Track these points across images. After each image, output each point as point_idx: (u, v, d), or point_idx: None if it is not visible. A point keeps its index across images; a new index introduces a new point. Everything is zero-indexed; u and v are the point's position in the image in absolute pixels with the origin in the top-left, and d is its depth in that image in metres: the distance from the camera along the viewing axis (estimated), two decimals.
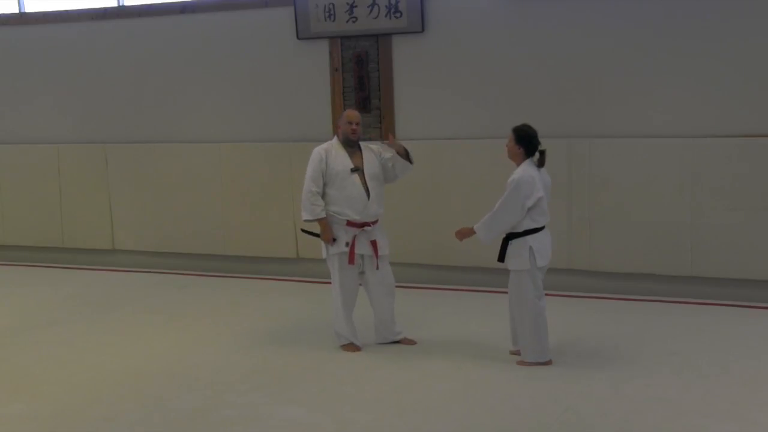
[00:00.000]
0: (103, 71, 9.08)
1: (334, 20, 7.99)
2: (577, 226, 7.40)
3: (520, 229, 5.51)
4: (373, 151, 6.10)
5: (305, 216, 6.00)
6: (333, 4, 7.95)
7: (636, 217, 7.23)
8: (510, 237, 5.55)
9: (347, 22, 7.96)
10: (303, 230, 6.38)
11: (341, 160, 5.94)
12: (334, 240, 5.94)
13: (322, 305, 7.26)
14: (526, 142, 5.54)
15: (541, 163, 5.58)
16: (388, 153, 6.07)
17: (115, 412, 5.04)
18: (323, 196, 5.95)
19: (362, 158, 6.03)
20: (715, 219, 6.99)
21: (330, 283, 6.18)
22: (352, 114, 6.06)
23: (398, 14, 7.79)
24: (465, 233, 5.72)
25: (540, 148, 5.57)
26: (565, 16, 7.36)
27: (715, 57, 6.95)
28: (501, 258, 5.62)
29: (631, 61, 7.20)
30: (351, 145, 6.01)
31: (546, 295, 7.02)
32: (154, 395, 5.30)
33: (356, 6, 7.89)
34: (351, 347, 6.04)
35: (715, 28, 6.93)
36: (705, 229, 7.03)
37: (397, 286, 6.27)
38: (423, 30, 7.78)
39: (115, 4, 9.00)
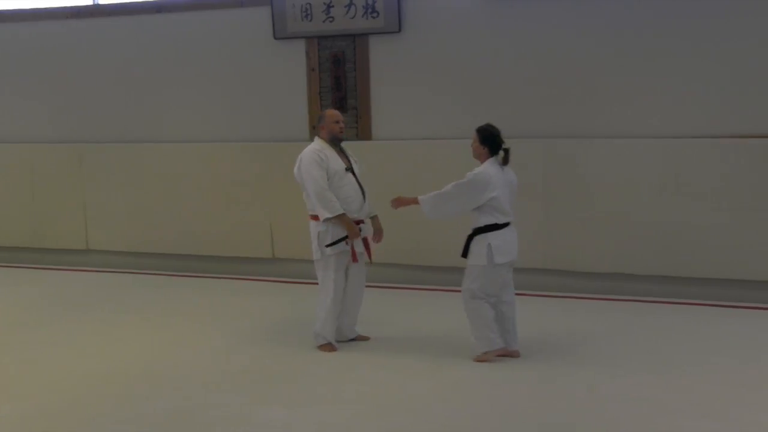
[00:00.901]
0: (78, 70, 9.01)
1: (311, 20, 7.98)
2: (556, 226, 7.44)
3: (481, 224, 5.59)
4: (351, 154, 6.11)
5: (325, 214, 5.77)
6: (310, 4, 7.94)
7: (615, 218, 7.28)
8: (473, 234, 5.62)
9: (324, 22, 7.95)
10: (327, 245, 5.88)
11: (334, 160, 5.91)
12: (360, 231, 5.89)
13: (299, 305, 7.27)
14: (491, 141, 5.63)
15: (505, 161, 5.65)
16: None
17: (93, 414, 4.99)
18: None
19: (347, 158, 6.03)
20: (695, 219, 7.05)
21: (317, 283, 6.09)
22: (337, 113, 6.03)
23: (375, 14, 7.79)
24: (404, 202, 5.84)
25: (504, 146, 5.64)
26: (543, 17, 7.40)
27: (697, 58, 7.02)
28: (464, 254, 5.69)
29: (611, 62, 7.25)
30: (336, 145, 5.99)
31: (524, 295, 7.11)
32: (131, 397, 5.24)
33: (333, 6, 7.88)
34: (329, 347, 6.02)
35: (696, 29, 7.00)
36: (685, 230, 7.09)
37: (375, 286, 6.28)
38: (400, 30, 7.79)
39: (90, 3, 8.93)
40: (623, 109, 7.26)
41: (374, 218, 6.16)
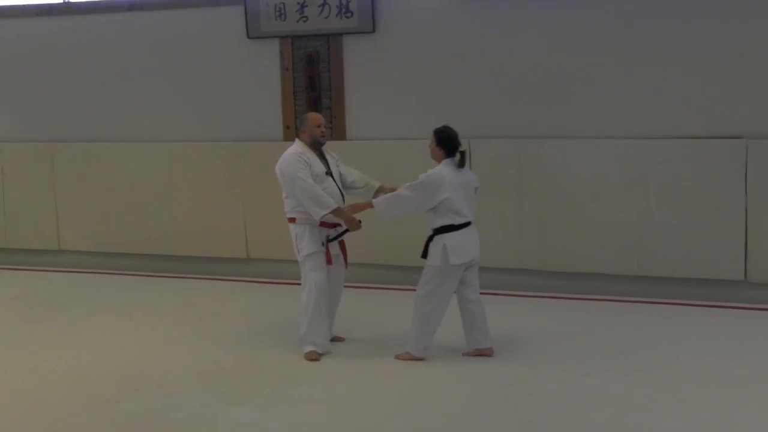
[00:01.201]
0: (49, 69, 8.93)
1: (284, 20, 7.96)
2: (527, 225, 7.48)
3: (437, 225, 5.64)
4: (333, 157, 6.06)
5: (320, 212, 5.65)
6: (284, 4, 7.92)
7: (585, 217, 7.33)
8: (432, 234, 5.69)
9: (298, 21, 7.93)
10: (330, 240, 5.87)
11: (316, 162, 5.84)
12: (359, 222, 5.80)
13: (274, 305, 7.26)
14: (447, 143, 5.66)
15: (460, 164, 5.68)
16: (344, 167, 6.08)
17: (61, 416, 4.96)
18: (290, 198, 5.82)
19: (327, 161, 5.96)
20: (662, 219, 7.12)
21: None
22: (319, 117, 5.96)
23: (349, 14, 7.79)
24: (359, 207, 5.79)
25: (460, 149, 5.68)
26: (515, 18, 7.44)
27: (662, 61, 7.08)
28: (424, 254, 5.74)
29: (580, 64, 7.30)
30: (317, 148, 5.92)
31: (497, 294, 7.14)
32: (101, 398, 5.22)
33: (307, 6, 7.87)
34: (314, 356, 5.82)
35: (661, 32, 7.06)
36: (651, 229, 7.16)
37: (348, 287, 6.28)
38: (374, 30, 7.79)
39: (61, 1, 8.83)
40: (593, 110, 7.31)
41: (379, 189, 6.09)
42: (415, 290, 5.81)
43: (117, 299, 7.70)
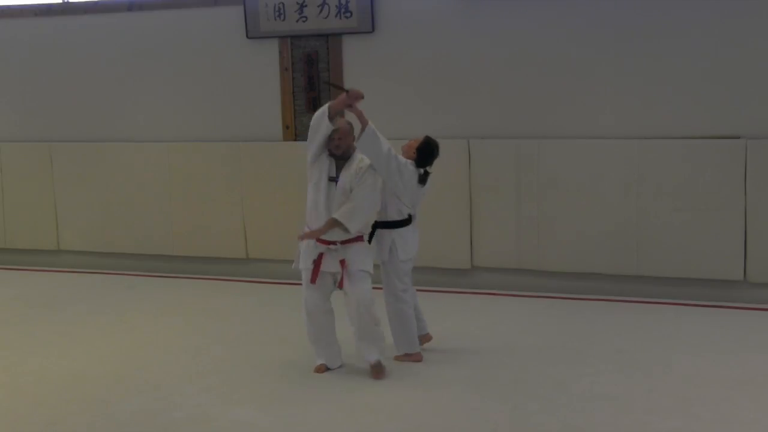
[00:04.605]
0: (49, 68, 8.92)
1: (284, 19, 7.96)
2: (526, 226, 7.47)
3: (382, 219, 5.70)
4: (350, 171, 5.48)
5: (322, 113, 5.36)
6: (283, 4, 7.92)
7: (583, 217, 7.33)
8: (377, 226, 5.74)
9: (297, 21, 7.93)
10: (331, 83, 5.83)
11: (326, 165, 5.44)
12: (359, 90, 5.48)
13: (272, 305, 7.25)
14: (424, 155, 5.73)
15: (421, 181, 5.73)
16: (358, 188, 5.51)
17: (60, 416, 4.96)
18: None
19: (345, 170, 5.48)
20: (660, 219, 7.12)
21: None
22: (340, 128, 5.45)
23: (348, 14, 7.79)
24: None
25: (428, 168, 5.76)
26: (514, 18, 7.43)
27: (660, 60, 7.08)
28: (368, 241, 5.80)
29: (579, 63, 7.30)
30: (334, 158, 5.48)
31: (496, 294, 7.13)
32: (100, 398, 5.22)
33: (306, 5, 7.87)
34: (319, 368, 5.63)
35: (660, 31, 7.07)
36: (650, 229, 7.16)
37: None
38: (373, 30, 7.79)
39: (60, 1, 8.83)
40: (591, 111, 7.30)
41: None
42: (416, 289, 5.87)
43: (116, 299, 7.69)
